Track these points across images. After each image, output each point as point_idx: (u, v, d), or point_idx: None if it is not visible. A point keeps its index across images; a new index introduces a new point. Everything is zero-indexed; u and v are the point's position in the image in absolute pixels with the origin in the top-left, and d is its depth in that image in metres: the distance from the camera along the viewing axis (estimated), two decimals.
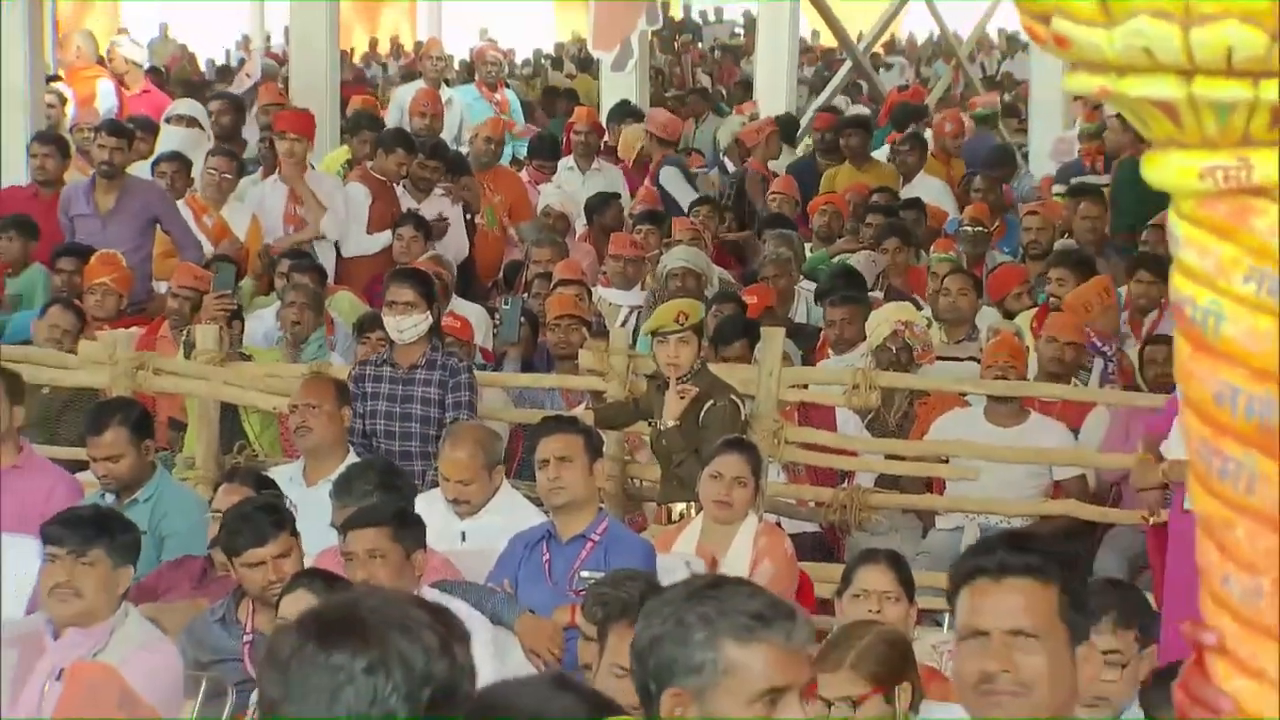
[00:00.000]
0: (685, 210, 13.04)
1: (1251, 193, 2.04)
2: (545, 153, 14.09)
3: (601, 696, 2.50)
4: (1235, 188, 2.04)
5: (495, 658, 6.29)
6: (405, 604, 2.58)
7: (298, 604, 5.33)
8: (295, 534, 6.44)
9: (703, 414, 8.18)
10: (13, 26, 13.20)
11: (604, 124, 15.87)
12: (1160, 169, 2.07)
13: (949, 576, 3.43)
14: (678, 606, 3.11)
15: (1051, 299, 10.15)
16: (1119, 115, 14.93)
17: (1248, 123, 2.01)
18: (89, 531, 6.09)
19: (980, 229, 12.26)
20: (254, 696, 5.51)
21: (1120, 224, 12.57)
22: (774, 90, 17.75)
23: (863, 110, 18.03)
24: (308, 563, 6.42)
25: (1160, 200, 2.14)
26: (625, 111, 16.25)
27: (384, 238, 11.61)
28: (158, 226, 11.32)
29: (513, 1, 24.54)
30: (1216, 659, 2.14)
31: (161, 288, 10.80)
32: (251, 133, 14.46)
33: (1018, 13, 2.12)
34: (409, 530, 6.37)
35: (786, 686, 3.15)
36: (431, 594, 6.32)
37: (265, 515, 6.46)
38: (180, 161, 12.19)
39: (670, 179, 13.93)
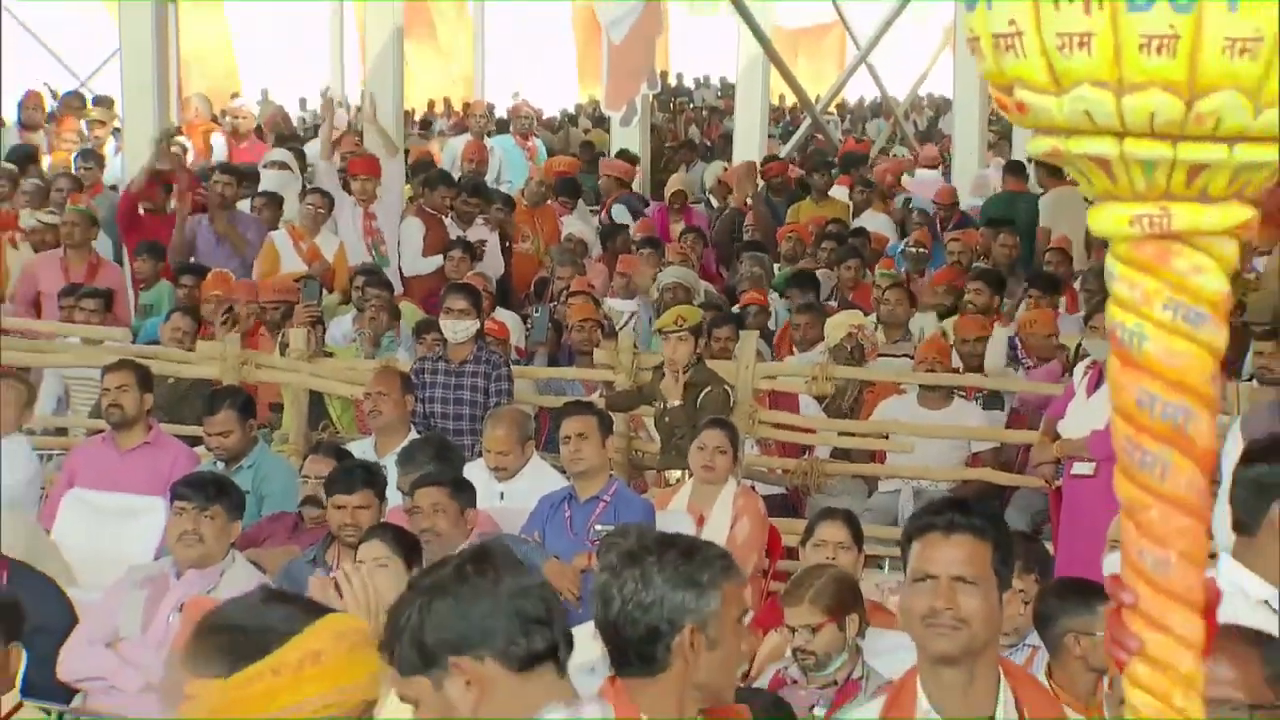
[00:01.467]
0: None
1: (1171, 237, 2.03)
2: (568, 192, 14.11)
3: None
4: (1158, 233, 2.03)
5: None
6: None
7: (372, 551, 5.33)
8: (382, 497, 6.45)
9: (701, 398, 8.20)
10: (144, 90, 13.22)
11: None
12: (1100, 218, 2.06)
13: (904, 529, 3.45)
14: (672, 564, 3.11)
15: (970, 306, 10.17)
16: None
17: (1169, 180, 2.00)
18: (211, 491, 6.13)
19: (922, 249, 12.34)
20: None
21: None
22: (749, 142, 17.74)
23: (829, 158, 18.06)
24: None
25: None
26: (629, 158, 16.27)
27: (437, 260, 11.63)
28: (260, 247, 11.43)
29: (541, 59, 24.69)
30: (1133, 615, 2.14)
31: None
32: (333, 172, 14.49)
33: (989, 85, 2.11)
34: (464, 493, 6.39)
35: (748, 608, 3.25)
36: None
37: (360, 474, 6.49)
38: (271, 198, 12.27)
39: (620, 214, 14.02)
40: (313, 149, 14.49)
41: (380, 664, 2.34)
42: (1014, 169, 14.61)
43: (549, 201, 13.63)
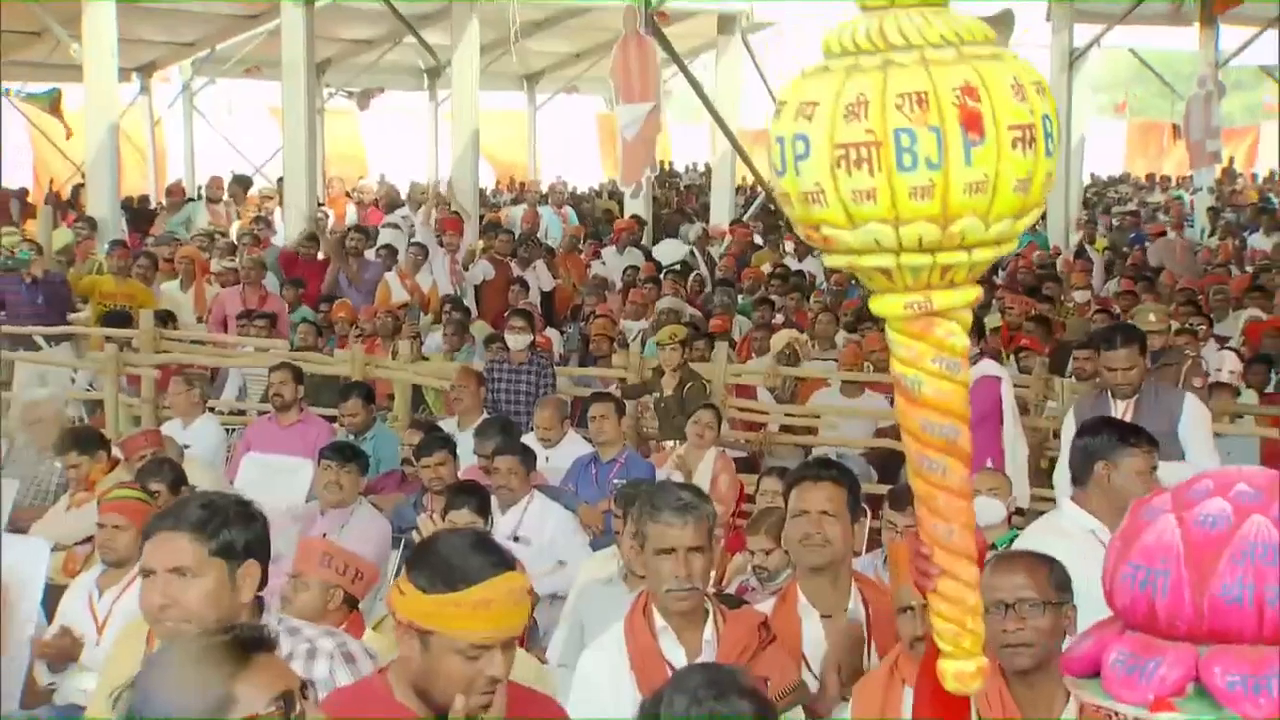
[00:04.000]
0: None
1: (933, 314, 2.10)
2: (596, 241, 14.12)
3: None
4: (924, 312, 2.10)
5: (575, 532, 6.28)
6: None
7: (462, 517, 5.23)
8: (454, 455, 6.43)
9: (687, 390, 8.19)
10: (299, 174, 13.24)
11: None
12: (881, 304, 2.12)
13: (784, 479, 3.50)
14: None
15: (875, 326, 10.08)
16: None
17: (929, 276, 2.07)
18: (348, 454, 6.14)
19: (840, 286, 12.27)
20: None
21: None
22: (721, 210, 17.76)
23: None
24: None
25: None
26: (638, 220, 16.28)
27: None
28: (378, 285, 11.44)
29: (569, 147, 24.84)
30: (929, 564, 2.19)
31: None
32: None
33: (798, 227, 2.14)
34: (530, 460, 6.36)
35: None
36: (540, 495, 6.30)
37: (439, 440, 6.48)
38: (390, 249, 12.33)
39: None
40: (416, 215, 14.52)
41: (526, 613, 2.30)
42: None
43: (580, 252, 13.67)
